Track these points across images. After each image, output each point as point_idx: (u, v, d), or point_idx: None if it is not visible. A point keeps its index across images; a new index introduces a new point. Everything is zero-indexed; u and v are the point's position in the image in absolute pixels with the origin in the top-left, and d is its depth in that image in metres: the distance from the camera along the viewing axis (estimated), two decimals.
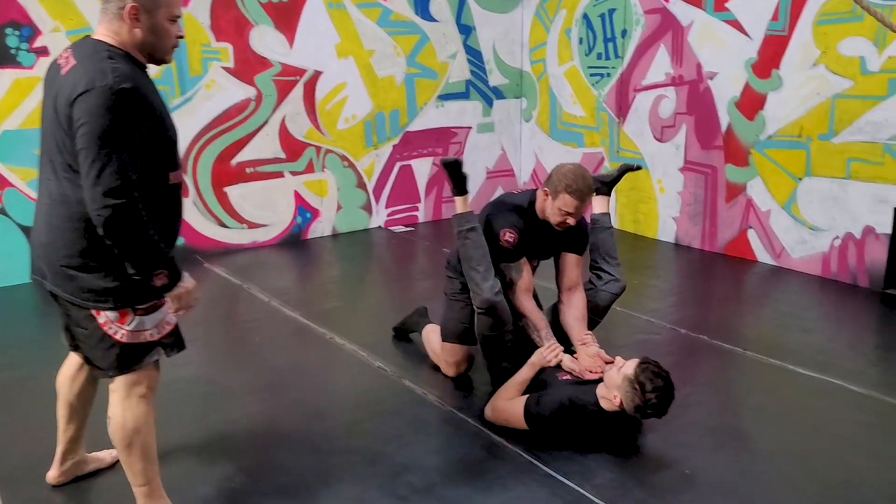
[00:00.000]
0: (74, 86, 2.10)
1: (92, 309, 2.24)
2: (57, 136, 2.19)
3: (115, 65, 2.13)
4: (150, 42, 2.25)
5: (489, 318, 3.17)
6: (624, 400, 2.81)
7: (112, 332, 2.26)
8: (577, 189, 3.16)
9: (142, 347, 2.31)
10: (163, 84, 5.39)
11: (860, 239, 4.86)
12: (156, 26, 2.24)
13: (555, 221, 3.27)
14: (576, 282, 3.44)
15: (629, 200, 6.38)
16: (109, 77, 2.09)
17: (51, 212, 2.25)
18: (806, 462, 2.88)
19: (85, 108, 2.07)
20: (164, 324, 2.36)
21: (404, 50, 6.42)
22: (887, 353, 3.94)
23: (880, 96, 4.59)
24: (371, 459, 2.90)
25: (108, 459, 2.87)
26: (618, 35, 6.18)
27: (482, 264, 3.19)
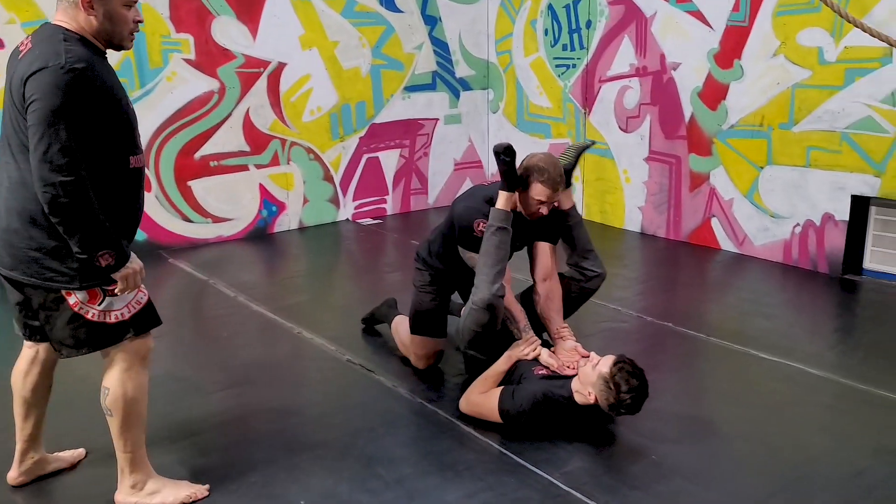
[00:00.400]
0: (29, 65, 2.13)
1: (62, 290, 2.26)
2: (12, 116, 2.20)
3: (69, 46, 2.16)
4: (107, 29, 2.27)
5: (483, 317, 3.12)
6: (599, 397, 2.84)
7: (83, 311, 2.29)
8: (549, 178, 3.16)
9: (113, 327, 2.34)
10: (122, 76, 5.26)
11: (819, 226, 4.96)
12: (111, 13, 2.25)
13: (528, 211, 3.28)
14: (550, 271, 3.44)
15: (596, 191, 6.43)
16: (63, 57, 2.11)
17: (10, 195, 2.24)
18: (768, 444, 2.94)
19: (36, 85, 2.10)
20: (134, 302, 2.39)
21: (369, 41, 6.38)
22: (845, 337, 4.05)
23: (837, 86, 4.69)
24: (341, 453, 2.90)
25: (70, 459, 2.86)
26: (583, 26, 6.21)
27: (498, 266, 3.14)
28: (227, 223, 5.99)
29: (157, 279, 5.18)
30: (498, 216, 3.22)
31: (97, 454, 2.91)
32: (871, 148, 4.61)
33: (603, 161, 6.29)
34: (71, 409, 3.28)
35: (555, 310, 3.37)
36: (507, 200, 3.23)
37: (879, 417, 3.13)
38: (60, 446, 2.92)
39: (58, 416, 3.22)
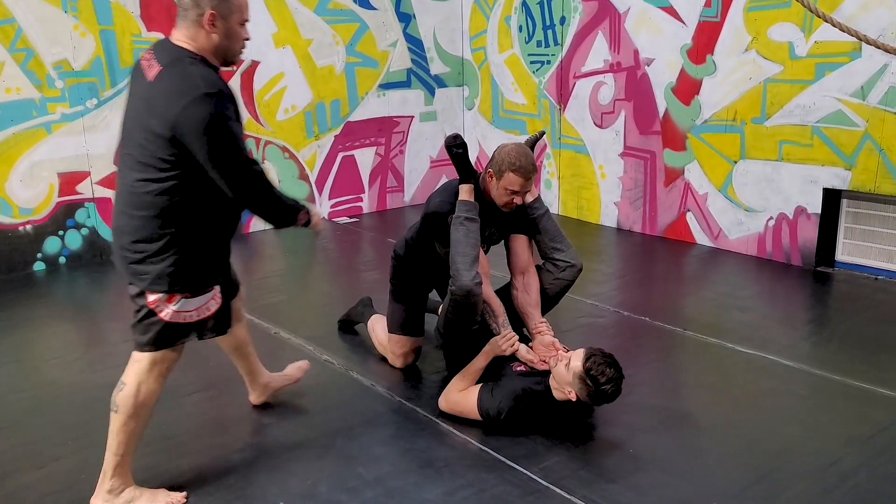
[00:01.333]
0: (168, 97, 2.29)
1: (146, 290, 2.45)
2: (138, 135, 2.38)
3: (203, 71, 2.34)
4: (224, 46, 2.42)
5: (462, 306, 3.12)
6: (579, 395, 2.84)
7: (159, 310, 2.47)
8: (521, 166, 3.16)
9: (180, 328, 2.51)
10: (92, 76, 5.22)
11: (792, 219, 5.02)
12: (230, 31, 2.41)
13: (501, 202, 3.27)
14: (527, 263, 3.45)
15: (572, 187, 6.45)
16: (202, 86, 2.28)
17: (122, 200, 2.48)
18: (743, 435, 2.97)
19: (191, 120, 2.27)
20: (205, 308, 2.54)
21: (343, 39, 6.35)
22: (818, 329, 4.10)
23: (808, 80, 4.74)
24: (320, 453, 2.88)
25: (295, 374, 3.34)
26: (556, 22, 6.22)
27: (470, 254, 3.14)
28: None
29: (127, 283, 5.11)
30: (463, 207, 3.24)
31: (66, 462, 2.87)
32: (842, 141, 4.67)
33: (578, 157, 6.32)
34: (39, 417, 3.23)
35: (532, 304, 3.37)
36: (468, 191, 3.27)
37: (852, 407, 3.18)
38: (31, 453, 2.88)
39: (28, 423, 3.17)
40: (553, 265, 3.46)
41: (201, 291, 2.50)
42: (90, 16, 5.15)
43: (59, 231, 5.31)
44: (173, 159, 2.33)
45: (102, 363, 3.73)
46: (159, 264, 2.42)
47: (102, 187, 5.42)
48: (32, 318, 4.40)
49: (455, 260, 3.15)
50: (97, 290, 4.94)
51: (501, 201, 3.27)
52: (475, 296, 3.09)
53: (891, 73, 4.39)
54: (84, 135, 5.28)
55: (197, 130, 2.28)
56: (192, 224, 2.43)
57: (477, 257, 3.16)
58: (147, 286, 2.45)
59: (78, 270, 5.27)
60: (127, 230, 2.44)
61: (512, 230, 3.47)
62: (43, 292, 4.87)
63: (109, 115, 5.35)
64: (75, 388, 3.48)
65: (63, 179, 5.26)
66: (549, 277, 3.46)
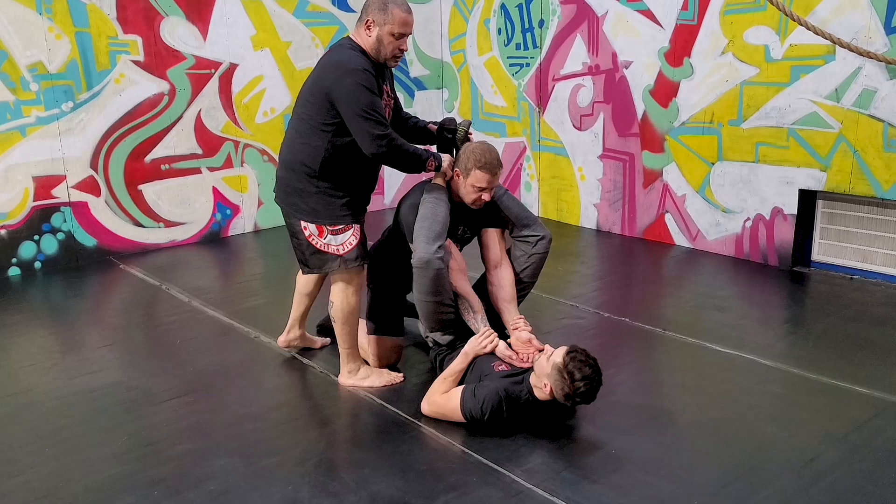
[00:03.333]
0: (324, 68, 3.17)
1: (301, 221, 3.22)
2: (304, 98, 3.21)
3: (356, 56, 3.12)
4: (375, 47, 3.17)
5: (422, 276, 3.13)
6: (553, 388, 2.86)
7: (313, 241, 3.25)
8: (486, 163, 3.23)
9: (330, 256, 3.26)
10: (68, 78, 5.16)
11: (769, 220, 5.08)
12: (380, 38, 3.14)
13: (470, 200, 3.32)
14: (500, 257, 3.48)
15: (551, 189, 6.48)
16: (352, 62, 3.07)
17: (286, 149, 3.26)
18: (722, 433, 3.00)
19: (341, 84, 3.04)
20: (347, 243, 3.26)
21: (322, 41, 6.33)
22: (795, 328, 4.15)
23: (784, 83, 4.81)
24: (302, 458, 2.86)
25: (319, 344, 3.88)
26: (535, 25, 6.25)
27: (433, 229, 3.16)
28: (180, 227, 5.88)
29: (107, 285, 5.07)
30: (432, 190, 3.33)
31: (43, 469, 2.83)
32: (817, 143, 4.74)
33: (558, 159, 6.34)
34: (16, 424, 3.19)
35: (507, 299, 3.41)
36: (444, 176, 3.39)
37: (828, 405, 3.22)
38: (7, 461, 2.84)
39: (3, 431, 3.13)
40: (524, 242, 3.50)
41: (340, 229, 3.22)
42: (65, 18, 5.09)
43: (34, 236, 5.24)
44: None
45: (79, 369, 3.69)
46: (310, 202, 3.23)
47: (78, 191, 5.36)
48: (7, 324, 4.34)
49: (417, 234, 3.18)
50: (73, 296, 4.88)
51: (470, 199, 3.32)
52: (434, 268, 3.11)
53: (864, 75, 4.46)
54: (60, 138, 5.21)
55: (340, 96, 3.06)
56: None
57: (441, 234, 3.19)
58: (302, 217, 3.24)
59: (54, 275, 5.21)
60: (289, 175, 3.25)
61: (483, 225, 3.51)
62: (18, 298, 4.80)
63: (85, 117, 5.29)
64: (52, 394, 3.44)
65: (38, 183, 5.19)
66: (524, 258, 3.49)
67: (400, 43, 3.16)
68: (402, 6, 3.16)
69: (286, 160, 3.24)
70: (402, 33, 3.13)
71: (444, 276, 3.17)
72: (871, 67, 4.42)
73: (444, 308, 3.27)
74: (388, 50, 3.16)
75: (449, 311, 3.30)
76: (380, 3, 3.14)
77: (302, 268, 3.41)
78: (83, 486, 2.71)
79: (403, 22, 3.13)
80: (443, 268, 3.14)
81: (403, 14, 3.14)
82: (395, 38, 3.13)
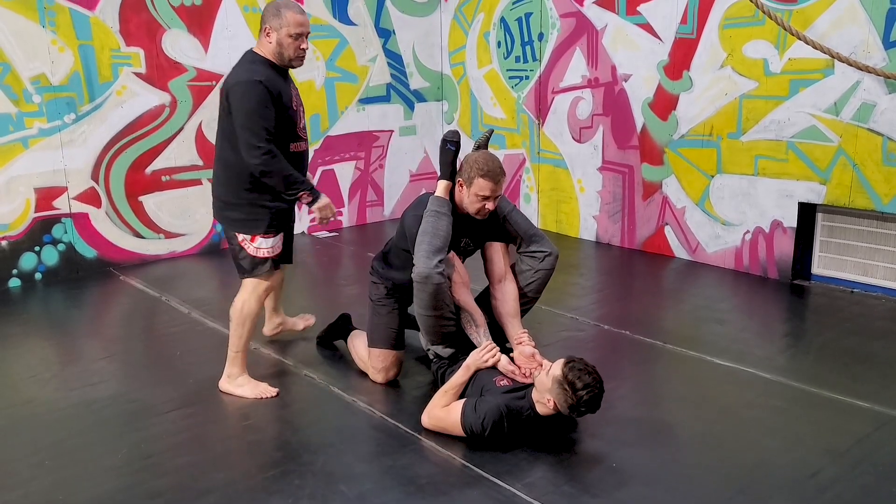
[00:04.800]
0: (227, 81, 3.28)
1: (236, 232, 3.40)
2: (221, 114, 3.32)
3: (254, 67, 3.25)
4: (277, 52, 3.31)
5: (422, 290, 3.14)
6: (557, 401, 2.85)
7: (246, 247, 3.41)
8: (489, 171, 3.22)
9: (261, 260, 3.42)
10: (71, 90, 5.18)
11: (769, 233, 5.09)
12: (280, 41, 3.28)
13: (474, 209, 3.31)
14: (504, 271, 3.48)
15: (551, 201, 6.50)
16: (248, 75, 3.20)
17: (216, 166, 3.44)
18: (722, 447, 2.99)
19: (235, 96, 3.19)
20: (276, 247, 3.46)
21: (323, 54, 6.36)
22: (795, 341, 4.15)
23: (783, 96, 4.83)
24: (301, 471, 2.86)
25: (301, 326, 4.19)
26: (535, 38, 6.28)
27: (434, 244, 3.17)
28: (180, 238, 5.89)
29: (107, 296, 5.07)
30: (435, 203, 3.30)
31: (43, 481, 2.82)
32: (817, 156, 4.75)
33: (557, 171, 6.36)
34: (15, 436, 3.18)
35: (511, 314, 3.40)
36: (445, 189, 3.36)
37: (830, 419, 3.21)
38: (7, 473, 2.83)
39: (3, 443, 3.12)
40: (531, 258, 3.50)
41: (269, 234, 3.39)
42: (68, 31, 5.12)
43: (35, 247, 5.24)
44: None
45: (79, 381, 3.68)
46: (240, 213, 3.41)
47: (80, 202, 5.37)
48: (7, 335, 4.33)
49: (418, 248, 3.18)
50: (73, 307, 4.88)
51: (474, 208, 3.31)
52: (434, 283, 3.12)
53: (863, 89, 4.48)
54: (62, 150, 5.23)
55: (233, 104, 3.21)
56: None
57: (442, 248, 3.19)
58: (236, 229, 3.41)
59: (54, 287, 5.21)
60: (220, 190, 3.47)
61: (487, 238, 3.50)
62: (18, 309, 4.79)
63: (87, 129, 5.31)
64: (51, 406, 3.43)
65: (40, 195, 5.20)
66: (530, 273, 3.49)
67: (299, 42, 3.30)
68: (293, 8, 3.31)
69: (217, 180, 3.45)
70: (298, 33, 3.27)
71: (444, 291, 3.18)
72: (870, 81, 4.45)
73: (444, 322, 3.27)
74: (290, 51, 3.30)
75: (450, 325, 3.30)
76: (273, 10, 3.30)
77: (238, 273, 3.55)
78: (83, 498, 2.70)
79: (298, 23, 3.28)
80: (443, 282, 3.15)
81: (296, 15, 3.30)
82: (294, 38, 3.27)
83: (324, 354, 4.00)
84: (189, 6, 5.59)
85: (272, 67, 3.29)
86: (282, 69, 3.34)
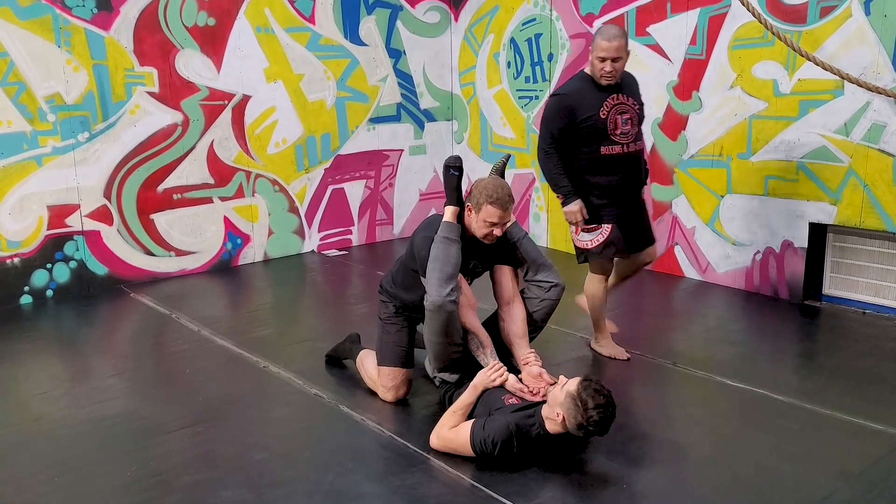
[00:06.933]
0: None
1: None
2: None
3: (569, 81, 3.96)
4: (593, 72, 3.82)
5: (434, 319, 3.16)
6: (566, 417, 2.84)
7: (575, 240, 4.01)
8: (497, 199, 3.25)
9: (585, 251, 3.98)
10: (85, 109, 5.24)
11: (779, 253, 5.07)
12: (592, 62, 3.80)
13: (481, 234, 3.33)
14: (513, 293, 3.49)
15: (560, 220, 6.49)
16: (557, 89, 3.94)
17: None
18: (735, 469, 2.96)
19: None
20: (596, 239, 3.92)
21: (334, 74, 6.41)
22: (806, 362, 4.11)
23: (792, 117, 4.83)
24: (310, 490, 2.84)
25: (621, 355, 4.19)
26: (544, 59, 6.32)
27: (445, 271, 3.19)
28: (191, 256, 5.92)
29: (117, 314, 5.09)
30: (445, 229, 3.30)
31: (51, 498, 2.81)
32: (827, 177, 4.74)
33: None
34: (25, 453, 3.18)
35: (519, 335, 3.40)
36: (453, 214, 3.36)
37: (843, 441, 3.18)
38: (16, 490, 2.83)
39: (13, 459, 3.13)
40: (538, 287, 3.51)
41: (591, 228, 3.91)
42: (83, 50, 5.19)
43: (47, 264, 5.28)
44: None
45: (89, 398, 3.69)
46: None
47: (92, 220, 5.41)
48: (19, 352, 4.35)
49: (430, 277, 3.19)
50: (84, 324, 4.90)
51: (481, 233, 3.33)
52: (447, 311, 3.14)
53: (873, 110, 4.48)
54: (75, 168, 5.28)
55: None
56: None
57: (453, 276, 3.20)
58: None
59: (65, 304, 5.23)
60: None
61: (495, 261, 3.51)
62: (29, 326, 4.82)
63: (101, 148, 5.36)
64: (62, 423, 3.44)
65: (52, 212, 5.25)
66: (535, 301, 3.51)
67: (605, 66, 3.74)
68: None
69: None
70: (600, 56, 3.73)
71: (455, 318, 3.20)
72: (880, 102, 4.44)
73: (453, 347, 3.28)
74: (597, 73, 3.79)
75: (458, 350, 3.30)
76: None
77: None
78: None
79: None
80: (454, 310, 3.17)
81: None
82: (601, 60, 3.73)
83: (333, 373, 3.99)
84: (202, 27, 5.66)
85: (589, 81, 3.84)
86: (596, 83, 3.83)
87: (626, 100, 3.85)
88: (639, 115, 3.92)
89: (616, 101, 3.81)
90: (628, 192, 3.97)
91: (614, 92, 3.82)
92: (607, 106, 3.79)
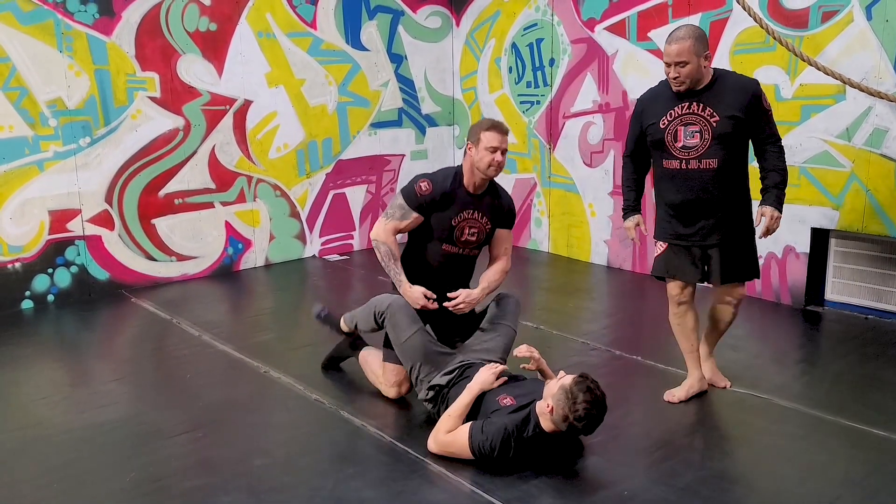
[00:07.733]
0: None
1: None
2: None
3: (656, 85, 3.60)
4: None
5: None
6: (556, 408, 2.84)
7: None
8: (493, 125, 3.48)
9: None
10: (86, 114, 5.25)
11: (782, 258, 5.05)
12: (666, 71, 3.40)
13: (485, 164, 3.48)
14: (502, 252, 3.73)
15: (562, 225, 6.49)
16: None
17: None
18: (738, 475, 2.95)
19: None
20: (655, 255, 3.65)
21: (336, 79, 6.42)
22: (809, 368, 4.10)
23: (794, 122, 4.82)
24: (310, 495, 2.83)
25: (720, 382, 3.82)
26: (546, 64, 6.32)
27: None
28: (192, 261, 5.91)
29: (118, 319, 5.08)
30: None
31: None
32: (829, 182, 4.73)
33: (568, 195, 6.36)
34: (25, 457, 3.18)
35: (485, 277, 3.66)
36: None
37: (847, 447, 3.16)
38: (15, 495, 2.82)
39: (12, 464, 3.12)
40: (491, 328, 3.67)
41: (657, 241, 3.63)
42: (85, 55, 5.20)
43: (48, 269, 5.28)
44: None
45: (89, 403, 3.68)
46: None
47: (93, 225, 5.41)
48: (19, 356, 4.34)
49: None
50: (85, 329, 4.90)
51: (485, 163, 3.49)
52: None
53: (875, 115, 4.47)
54: (76, 172, 5.28)
55: None
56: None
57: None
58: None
59: (66, 308, 5.23)
60: None
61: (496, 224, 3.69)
62: (30, 331, 4.81)
63: (102, 153, 5.36)
64: (62, 428, 3.43)
65: (54, 217, 5.25)
66: None
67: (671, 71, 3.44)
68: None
69: None
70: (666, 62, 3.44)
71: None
72: (882, 107, 4.44)
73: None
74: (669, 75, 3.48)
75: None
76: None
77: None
78: None
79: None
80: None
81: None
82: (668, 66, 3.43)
83: (333, 378, 3.98)
84: (204, 32, 5.67)
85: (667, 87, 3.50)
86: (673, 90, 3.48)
87: (701, 110, 3.36)
88: (714, 129, 3.37)
89: (686, 110, 3.37)
90: (699, 214, 3.51)
91: (690, 99, 3.38)
92: (672, 115, 3.39)
